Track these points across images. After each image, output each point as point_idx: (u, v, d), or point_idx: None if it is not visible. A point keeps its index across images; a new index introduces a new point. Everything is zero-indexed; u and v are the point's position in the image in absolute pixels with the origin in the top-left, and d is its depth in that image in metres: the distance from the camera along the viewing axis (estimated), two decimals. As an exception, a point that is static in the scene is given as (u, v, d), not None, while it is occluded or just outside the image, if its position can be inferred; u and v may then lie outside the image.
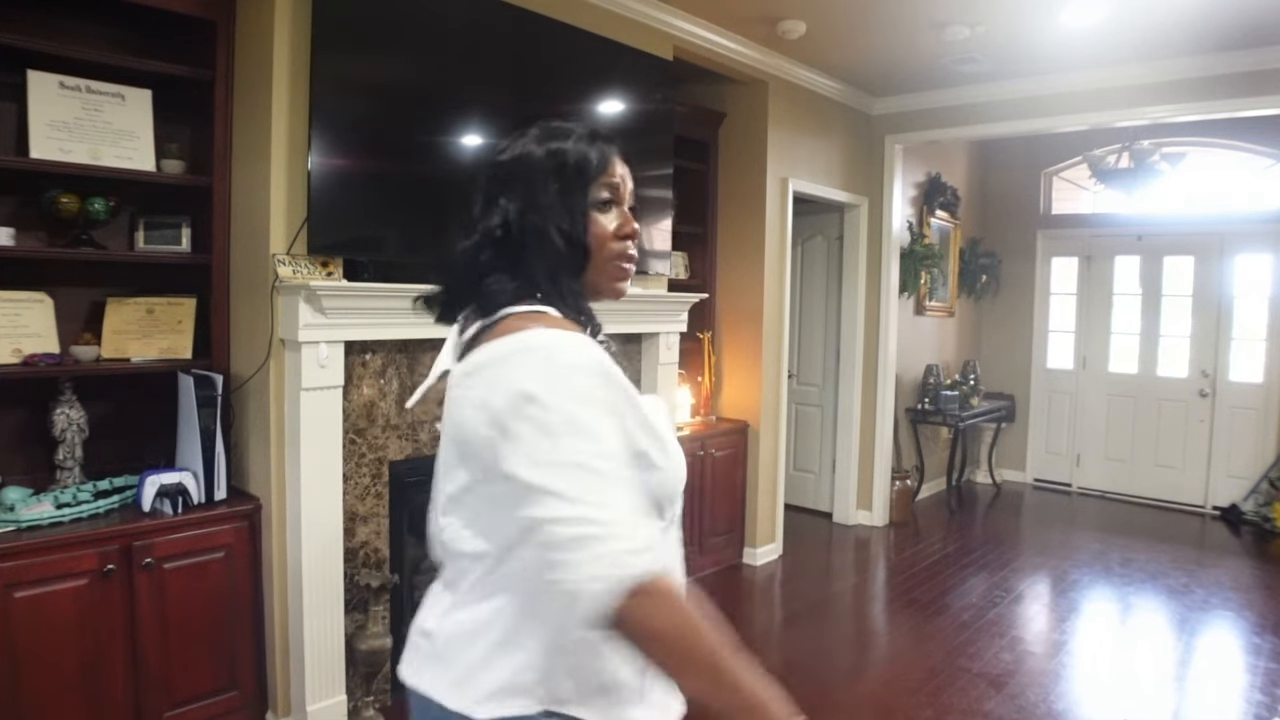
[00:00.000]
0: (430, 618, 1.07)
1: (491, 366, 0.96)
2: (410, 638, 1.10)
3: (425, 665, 1.05)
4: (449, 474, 1.03)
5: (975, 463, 7.03)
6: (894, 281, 5.56)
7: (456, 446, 1.01)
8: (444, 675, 1.02)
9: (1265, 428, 5.85)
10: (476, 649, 1.00)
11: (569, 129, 1.09)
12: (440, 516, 1.05)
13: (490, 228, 1.04)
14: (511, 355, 0.95)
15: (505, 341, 0.96)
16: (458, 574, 1.04)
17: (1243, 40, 4.01)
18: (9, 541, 2.21)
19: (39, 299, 2.53)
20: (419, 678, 1.05)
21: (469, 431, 0.97)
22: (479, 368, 0.98)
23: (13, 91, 2.46)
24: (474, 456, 0.98)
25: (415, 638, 1.09)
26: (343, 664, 2.77)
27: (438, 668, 1.03)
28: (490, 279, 1.03)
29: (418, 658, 1.07)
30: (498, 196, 1.06)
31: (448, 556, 1.06)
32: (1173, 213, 6.19)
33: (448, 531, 1.04)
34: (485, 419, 0.94)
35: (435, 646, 1.04)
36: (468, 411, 0.97)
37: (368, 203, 2.82)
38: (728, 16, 4.01)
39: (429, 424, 3.04)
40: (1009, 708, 3.07)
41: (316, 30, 2.61)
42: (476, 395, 0.96)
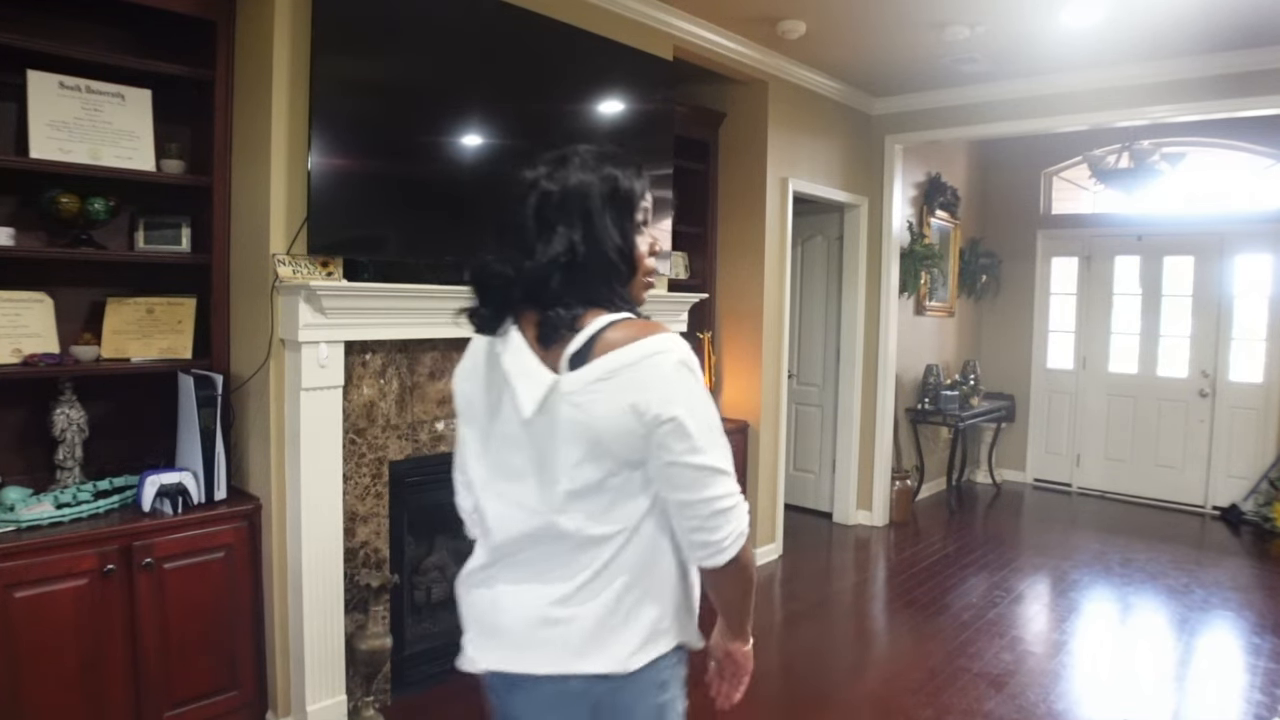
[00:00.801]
0: (548, 608, 1.19)
1: (626, 371, 1.10)
2: (516, 633, 1.22)
3: (565, 649, 1.18)
4: (572, 471, 1.15)
5: (975, 463, 7.03)
6: (894, 281, 5.56)
7: (585, 446, 1.13)
8: (592, 649, 1.17)
9: (1265, 428, 5.85)
10: (617, 616, 1.18)
11: (612, 155, 1.22)
12: (562, 509, 1.17)
13: (557, 253, 1.14)
14: (642, 361, 1.10)
15: (630, 349, 1.11)
16: (558, 553, 1.19)
17: (1243, 40, 4.01)
18: (9, 541, 2.21)
19: (39, 299, 2.53)
20: (560, 664, 1.19)
21: (610, 430, 1.11)
22: (611, 374, 1.10)
23: (13, 91, 2.46)
24: (609, 453, 1.13)
25: (537, 631, 1.20)
26: (343, 664, 2.77)
27: (584, 645, 1.17)
28: (566, 298, 1.14)
29: (549, 648, 1.19)
30: (557, 223, 1.15)
31: (560, 540, 1.18)
32: (1173, 213, 6.19)
33: (572, 522, 1.16)
34: (634, 418, 1.10)
35: (574, 629, 1.18)
36: (609, 413, 1.11)
37: (368, 203, 2.82)
38: (728, 16, 4.01)
39: (429, 424, 3.04)
40: (1009, 708, 3.07)
41: (316, 30, 2.61)
42: (620, 398, 1.10)
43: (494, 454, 1.25)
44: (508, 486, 1.23)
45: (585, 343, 1.12)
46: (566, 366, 1.13)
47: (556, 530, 1.18)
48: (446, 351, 3.08)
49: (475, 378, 1.28)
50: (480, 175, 3.11)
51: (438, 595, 3.42)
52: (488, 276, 1.20)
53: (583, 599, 1.18)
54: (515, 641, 1.23)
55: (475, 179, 3.09)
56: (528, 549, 1.22)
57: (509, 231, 1.18)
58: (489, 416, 1.25)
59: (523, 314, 1.20)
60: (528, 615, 1.22)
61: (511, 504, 1.22)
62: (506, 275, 1.16)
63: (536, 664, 1.21)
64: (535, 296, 1.15)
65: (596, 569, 1.18)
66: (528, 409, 1.16)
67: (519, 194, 1.18)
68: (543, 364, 1.16)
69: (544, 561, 1.21)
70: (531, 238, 1.16)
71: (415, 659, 3.11)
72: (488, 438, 1.26)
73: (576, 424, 1.13)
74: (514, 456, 1.21)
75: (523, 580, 1.23)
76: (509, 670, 1.25)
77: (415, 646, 3.14)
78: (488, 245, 1.21)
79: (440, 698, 3.08)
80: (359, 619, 2.82)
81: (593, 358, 1.11)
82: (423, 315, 2.88)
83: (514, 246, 1.17)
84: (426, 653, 3.16)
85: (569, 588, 1.18)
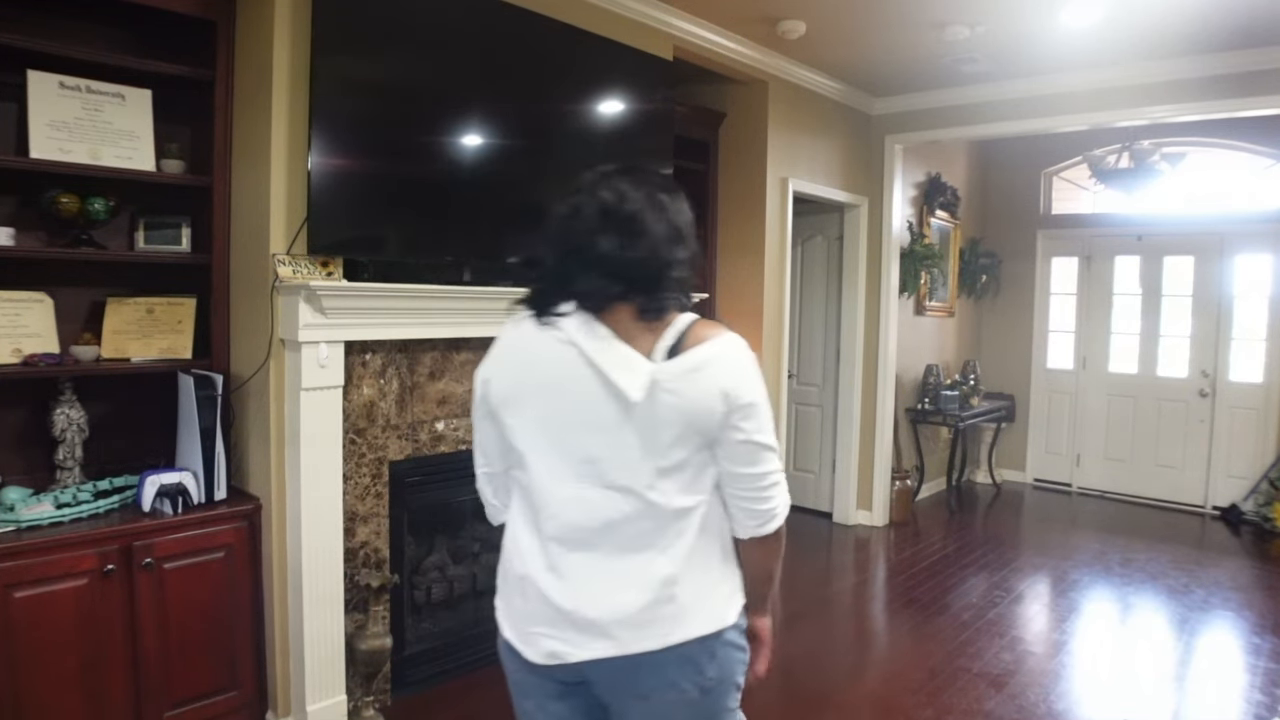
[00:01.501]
0: (645, 583, 1.29)
1: (715, 364, 1.27)
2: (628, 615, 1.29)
3: (665, 619, 1.30)
4: (666, 450, 1.28)
5: (975, 463, 7.03)
6: (894, 281, 5.57)
7: (679, 426, 1.27)
8: (696, 613, 1.32)
9: (1265, 428, 5.85)
10: (710, 576, 1.35)
11: (668, 179, 1.39)
12: (650, 485, 1.29)
13: (659, 258, 1.30)
14: (724, 355, 1.29)
15: (714, 345, 1.28)
16: (652, 529, 1.30)
17: (1243, 40, 4.01)
18: (9, 541, 2.21)
19: (39, 299, 2.53)
20: (665, 633, 1.29)
21: (701, 412, 1.27)
22: (704, 364, 1.27)
23: (13, 91, 2.46)
24: (699, 432, 1.28)
25: (653, 609, 1.29)
26: (343, 664, 2.77)
27: (691, 610, 1.31)
28: (664, 297, 1.30)
29: (656, 622, 1.29)
30: (654, 233, 1.30)
31: (653, 517, 1.29)
32: (1173, 213, 6.19)
33: (663, 496, 1.29)
34: (722, 401, 1.26)
35: (679, 600, 1.30)
36: (705, 399, 1.26)
37: (368, 203, 2.82)
38: (728, 16, 4.01)
39: (429, 424, 3.04)
40: (1009, 708, 3.07)
41: (316, 30, 2.61)
42: (713, 385, 1.26)
43: (566, 440, 1.31)
44: (589, 470, 1.30)
45: (678, 337, 1.28)
46: (663, 357, 1.27)
47: (649, 506, 1.29)
48: (446, 351, 3.08)
49: (533, 368, 1.33)
50: (480, 175, 3.11)
51: (438, 595, 3.42)
52: (594, 258, 1.27)
53: (686, 567, 1.31)
54: (629, 623, 1.29)
55: (475, 179, 3.10)
56: (620, 529, 1.30)
57: (619, 224, 1.27)
58: (554, 404, 1.31)
59: (608, 310, 1.29)
60: (639, 595, 1.29)
61: (596, 487, 1.30)
62: (615, 260, 1.26)
63: (653, 640, 1.30)
64: (637, 294, 1.28)
65: (690, 538, 1.32)
66: (635, 394, 1.25)
67: (626, 208, 1.28)
68: (638, 356, 1.27)
69: (640, 539, 1.30)
70: (639, 232, 1.28)
71: (415, 659, 3.11)
72: (551, 425, 1.31)
73: (673, 408, 1.26)
74: (599, 443, 1.28)
75: (621, 561, 1.30)
76: (621, 654, 1.30)
77: (415, 646, 3.14)
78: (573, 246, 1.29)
79: (440, 698, 3.08)
80: (359, 619, 2.82)
81: (684, 350, 1.27)
82: (422, 315, 2.88)
83: (621, 235, 1.27)
84: (426, 653, 3.16)
85: (672, 559, 1.30)
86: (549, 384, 1.31)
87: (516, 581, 1.38)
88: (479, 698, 3.10)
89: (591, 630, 1.30)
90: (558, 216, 1.32)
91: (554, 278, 1.31)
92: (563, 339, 1.29)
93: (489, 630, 3.37)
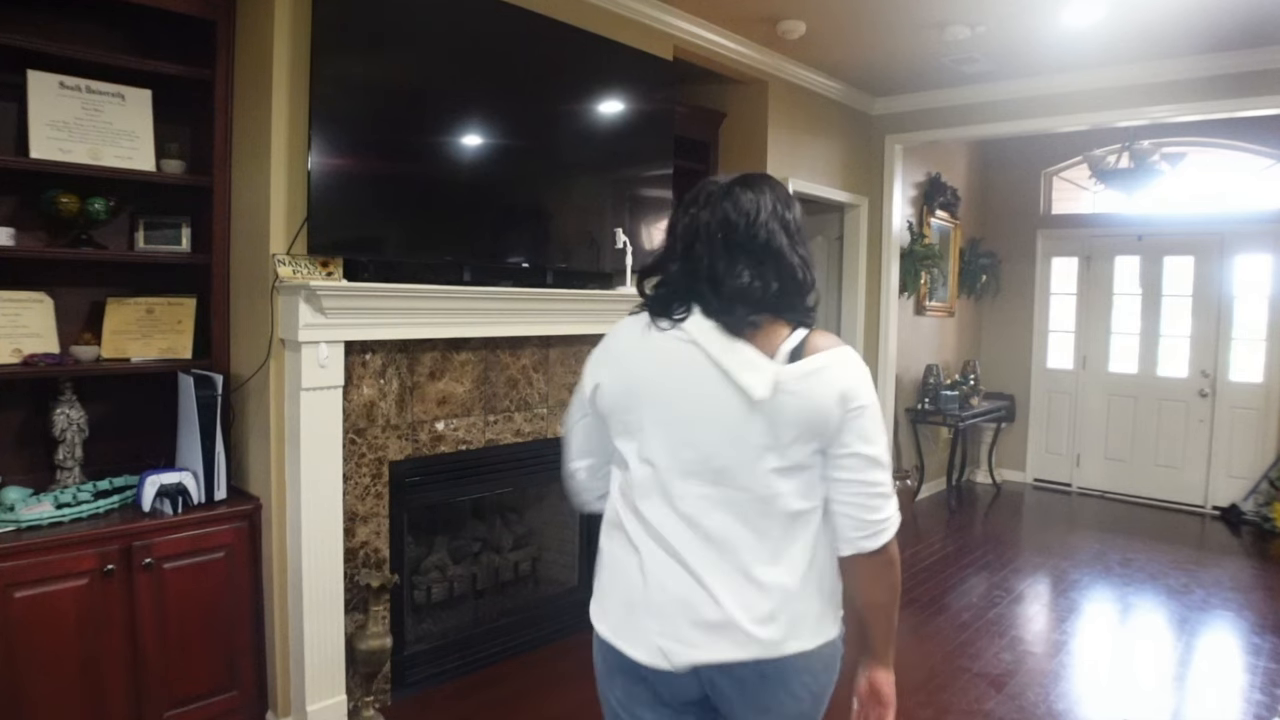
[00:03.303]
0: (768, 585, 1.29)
1: (834, 368, 1.30)
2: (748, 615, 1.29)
3: (787, 624, 1.30)
4: (784, 450, 1.29)
5: (975, 463, 7.03)
6: (894, 281, 5.57)
7: (799, 428, 1.28)
8: (816, 620, 1.33)
9: (1265, 428, 5.85)
10: (824, 585, 1.35)
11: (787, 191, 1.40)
12: (768, 485, 1.29)
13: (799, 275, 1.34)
14: (839, 363, 1.31)
15: (831, 353, 1.31)
16: (768, 530, 1.30)
17: (1243, 40, 4.01)
18: (9, 541, 2.21)
19: (39, 299, 2.53)
20: (792, 640, 1.30)
21: (820, 412, 1.28)
22: (821, 369, 1.29)
23: (13, 91, 2.46)
24: (819, 435, 1.29)
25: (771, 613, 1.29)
26: (343, 664, 2.77)
27: (812, 616, 1.33)
28: (798, 304, 1.35)
29: (774, 626, 1.29)
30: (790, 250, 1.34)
31: (772, 518, 1.30)
32: (1173, 213, 6.19)
33: (780, 497, 1.30)
34: (839, 404, 1.28)
35: (794, 609, 1.31)
36: (823, 401, 1.28)
37: (367, 203, 2.82)
38: (728, 16, 4.01)
39: (429, 424, 3.04)
40: (1009, 708, 3.07)
41: (316, 30, 2.61)
42: (829, 389, 1.28)
43: (687, 439, 1.31)
44: (708, 468, 1.30)
45: (799, 344, 1.31)
46: (784, 360, 1.29)
47: (767, 506, 1.30)
48: (446, 351, 3.08)
49: (654, 369, 1.34)
50: (480, 175, 3.11)
51: (438, 595, 3.43)
52: (734, 286, 1.29)
53: (806, 573, 1.32)
54: (760, 626, 1.29)
55: (475, 179, 3.10)
56: (738, 529, 1.30)
57: (753, 248, 1.31)
58: (677, 405, 1.32)
59: (761, 318, 1.32)
60: (774, 597, 1.30)
61: (716, 485, 1.30)
62: (757, 287, 1.30)
63: (793, 643, 1.31)
64: (779, 307, 1.32)
65: (807, 542, 1.32)
66: (761, 392, 1.27)
67: (761, 223, 1.32)
68: (762, 358, 1.29)
69: (759, 541, 1.30)
70: (776, 257, 1.32)
71: (415, 659, 3.11)
72: (673, 425, 1.32)
73: (795, 408, 1.28)
74: (720, 443, 1.29)
75: (739, 562, 1.30)
76: (757, 657, 1.29)
77: (415, 646, 3.14)
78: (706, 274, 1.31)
79: (440, 698, 3.08)
80: (359, 619, 2.82)
81: (804, 355, 1.30)
82: (422, 315, 2.88)
83: (758, 259, 1.31)
84: (426, 653, 3.16)
85: (790, 565, 1.31)
86: (671, 385, 1.32)
87: (625, 583, 1.36)
88: (479, 698, 3.10)
89: (715, 630, 1.29)
90: (684, 229, 1.35)
91: (681, 293, 1.33)
92: (684, 339, 1.31)
93: (489, 630, 3.39)
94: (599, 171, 3.62)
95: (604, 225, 3.56)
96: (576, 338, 3.52)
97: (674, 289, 1.34)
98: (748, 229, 1.31)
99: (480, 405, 3.22)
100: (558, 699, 3.11)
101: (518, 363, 3.35)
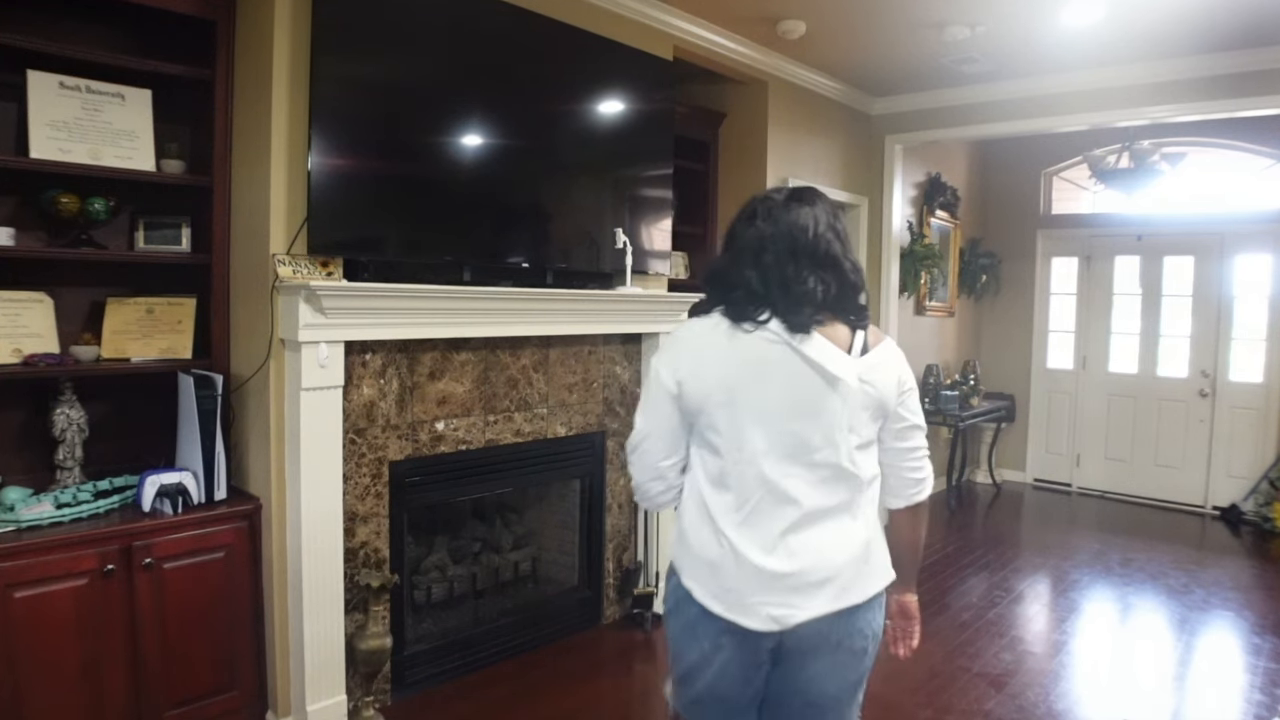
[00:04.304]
0: (851, 544, 1.54)
1: (890, 361, 1.57)
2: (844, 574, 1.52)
3: (865, 575, 1.55)
4: (860, 428, 1.53)
5: (975, 463, 7.03)
6: (894, 281, 5.57)
7: (871, 410, 1.54)
8: (883, 569, 1.60)
9: (1265, 428, 5.85)
10: (882, 538, 1.62)
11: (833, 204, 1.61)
12: (851, 459, 1.52)
13: (854, 280, 1.56)
14: (894, 354, 1.58)
15: (887, 346, 1.57)
16: (850, 498, 1.54)
17: (1243, 40, 4.01)
18: (9, 541, 2.21)
19: (39, 299, 2.53)
20: (865, 587, 1.55)
21: (887, 397, 1.55)
22: (884, 360, 1.55)
23: (13, 91, 2.46)
24: (884, 413, 1.57)
25: (860, 565, 1.54)
26: (343, 664, 2.77)
27: (881, 566, 1.59)
28: (858, 306, 1.57)
29: (857, 576, 1.54)
30: (844, 256, 1.55)
31: (851, 487, 1.53)
32: (1173, 213, 6.19)
33: (858, 468, 1.53)
34: (896, 387, 1.56)
35: (872, 557, 1.57)
36: (888, 386, 1.55)
37: (367, 203, 2.82)
38: (728, 16, 4.01)
39: (429, 424, 3.04)
40: (1009, 708, 3.07)
41: (316, 30, 2.61)
42: (891, 376, 1.56)
43: (781, 428, 1.49)
44: (800, 449, 1.50)
45: (864, 339, 1.54)
46: (859, 354, 1.52)
47: (851, 478, 1.53)
48: (446, 351, 3.08)
49: (744, 365, 1.50)
50: (480, 175, 3.11)
51: (438, 595, 3.43)
52: (801, 291, 1.49)
53: (874, 529, 1.58)
54: (842, 581, 1.52)
55: (475, 179, 3.10)
56: (827, 499, 1.51)
57: (815, 257, 1.51)
58: (771, 395, 1.49)
59: (823, 318, 1.51)
60: (849, 556, 1.53)
61: (808, 465, 1.50)
62: (819, 291, 1.49)
63: (858, 594, 1.54)
64: (838, 307, 1.52)
65: (874, 503, 1.59)
66: (853, 381, 1.50)
67: (817, 230, 1.52)
68: (843, 353, 1.51)
69: (842, 507, 1.53)
70: (834, 265, 1.52)
71: (415, 659, 3.11)
72: (768, 414, 1.50)
73: (869, 394, 1.52)
74: (809, 426, 1.49)
75: (830, 527, 1.52)
76: (843, 606, 1.52)
77: (415, 646, 3.14)
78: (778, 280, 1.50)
79: (440, 698, 3.09)
80: (359, 619, 2.82)
81: (869, 349, 1.54)
82: (422, 315, 2.88)
83: (819, 267, 1.51)
84: (426, 653, 3.16)
85: (866, 523, 1.57)
86: (764, 378, 1.49)
87: (725, 562, 1.52)
88: (479, 698, 3.10)
89: (815, 589, 1.50)
90: (749, 242, 1.52)
91: (760, 298, 1.50)
92: (773, 339, 1.49)
93: (489, 630, 3.39)
94: (599, 171, 3.61)
95: (604, 225, 3.56)
96: (576, 338, 3.52)
97: (752, 292, 1.50)
98: (811, 240, 1.50)
99: (480, 405, 3.22)
100: (558, 699, 3.11)
101: (518, 363, 3.35)
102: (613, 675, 3.29)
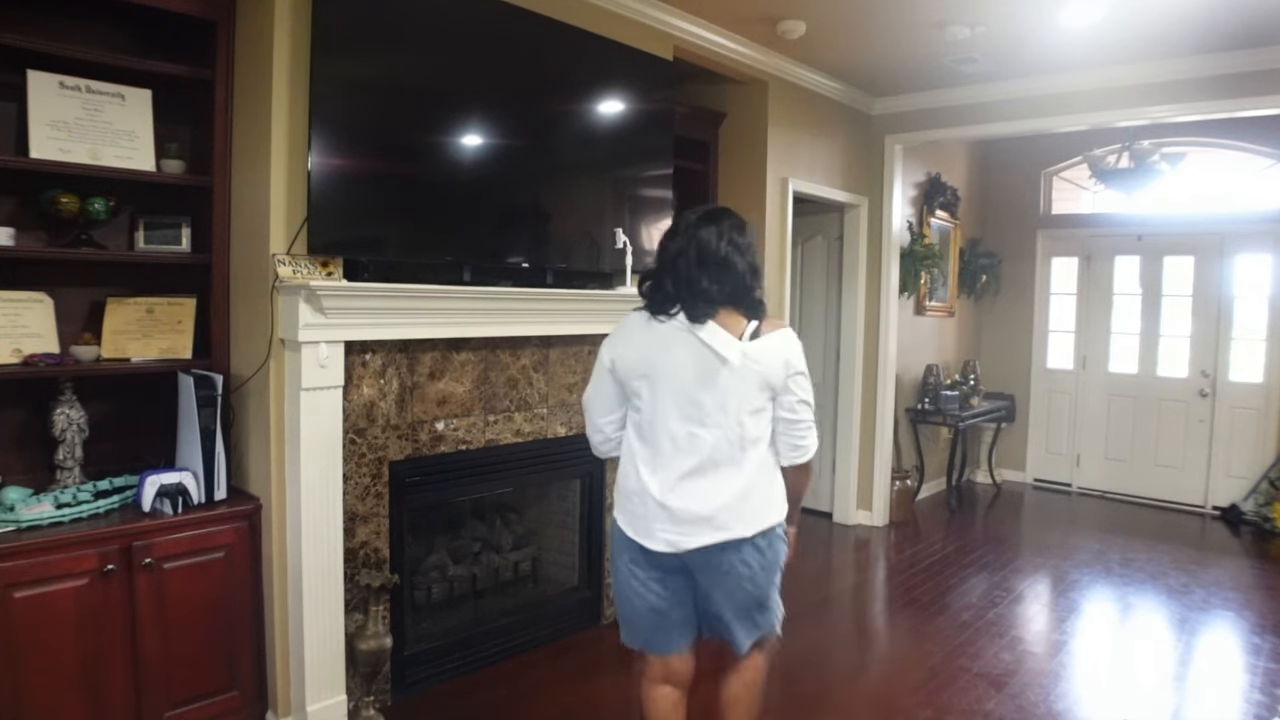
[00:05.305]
0: (730, 491, 1.96)
1: (778, 346, 1.99)
2: (728, 511, 1.96)
3: (742, 517, 1.96)
4: (751, 400, 1.97)
5: (975, 463, 7.03)
6: (894, 281, 5.57)
7: (758, 383, 1.96)
8: (760, 513, 2.00)
9: (1265, 428, 5.85)
10: (772, 490, 2.05)
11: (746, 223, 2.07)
12: (739, 421, 1.96)
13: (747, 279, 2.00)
14: (783, 341, 2.01)
15: (780, 333, 2.01)
16: (737, 454, 1.96)
17: (1243, 40, 4.01)
18: (9, 541, 2.21)
19: (39, 299, 2.53)
20: (742, 527, 1.96)
21: (773, 373, 1.97)
22: (773, 344, 1.98)
23: (13, 91, 2.46)
24: (771, 387, 1.98)
25: (739, 506, 1.96)
26: (343, 664, 2.77)
27: (757, 511, 1.99)
28: (750, 301, 2.00)
29: (734, 517, 1.96)
30: (742, 261, 1.99)
31: (737, 445, 1.96)
32: (1173, 213, 6.19)
33: (747, 429, 1.97)
34: (784, 370, 1.99)
35: (750, 502, 1.98)
36: (774, 366, 1.97)
37: (368, 203, 2.82)
38: (728, 16, 4.01)
39: (429, 424, 3.04)
40: (1009, 708, 3.07)
41: (316, 30, 2.61)
42: (779, 358, 1.98)
43: (683, 394, 1.95)
44: (698, 412, 1.95)
45: (756, 327, 1.97)
46: (748, 339, 1.96)
47: (737, 436, 1.96)
48: (446, 351, 3.08)
49: (660, 346, 1.98)
50: (480, 175, 3.11)
51: (438, 595, 3.43)
52: (700, 290, 1.95)
53: (759, 479, 2.00)
54: (722, 519, 1.95)
55: (475, 179, 3.10)
56: (715, 452, 1.95)
57: (714, 265, 1.95)
58: (678, 370, 1.95)
59: (717, 311, 1.95)
60: (732, 498, 1.95)
61: (702, 425, 1.95)
62: (714, 290, 1.95)
63: (742, 529, 1.96)
64: (734, 301, 1.98)
65: (758, 459, 2.00)
66: (736, 360, 1.93)
67: (717, 244, 1.96)
68: (733, 338, 1.94)
69: (727, 460, 1.96)
70: (728, 270, 1.96)
71: (415, 659, 3.11)
72: (674, 385, 1.96)
73: (756, 371, 1.96)
74: (705, 395, 1.94)
75: (717, 475, 1.96)
76: (722, 539, 1.95)
77: (415, 646, 3.14)
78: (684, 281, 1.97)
79: (440, 698, 3.09)
80: (359, 619, 2.82)
81: (760, 336, 1.97)
82: (422, 315, 2.88)
83: (716, 272, 1.95)
84: (426, 653, 3.16)
85: (749, 473, 1.98)
86: (674, 358, 1.96)
87: (638, 495, 2.01)
88: (479, 698, 3.10)
89: (699, 524, 1.95)
90: (670, 254, 1.99)
91: (672, 297, 1.97)
92: (680, 328, 1.96)
93: (489, 630, 3.39)
94: (599, 171, 3.62)
95: (604, 225, 3.56)
96: (576, 338, 3.52)
97: (666, 293, 1.99)
98: (713, 251, 1.96)
99: (480, 405, 3.22)
100: (558, 699, 3.11)
101: (518, 363, 3.35)
102: (613, 675, 3.29)
